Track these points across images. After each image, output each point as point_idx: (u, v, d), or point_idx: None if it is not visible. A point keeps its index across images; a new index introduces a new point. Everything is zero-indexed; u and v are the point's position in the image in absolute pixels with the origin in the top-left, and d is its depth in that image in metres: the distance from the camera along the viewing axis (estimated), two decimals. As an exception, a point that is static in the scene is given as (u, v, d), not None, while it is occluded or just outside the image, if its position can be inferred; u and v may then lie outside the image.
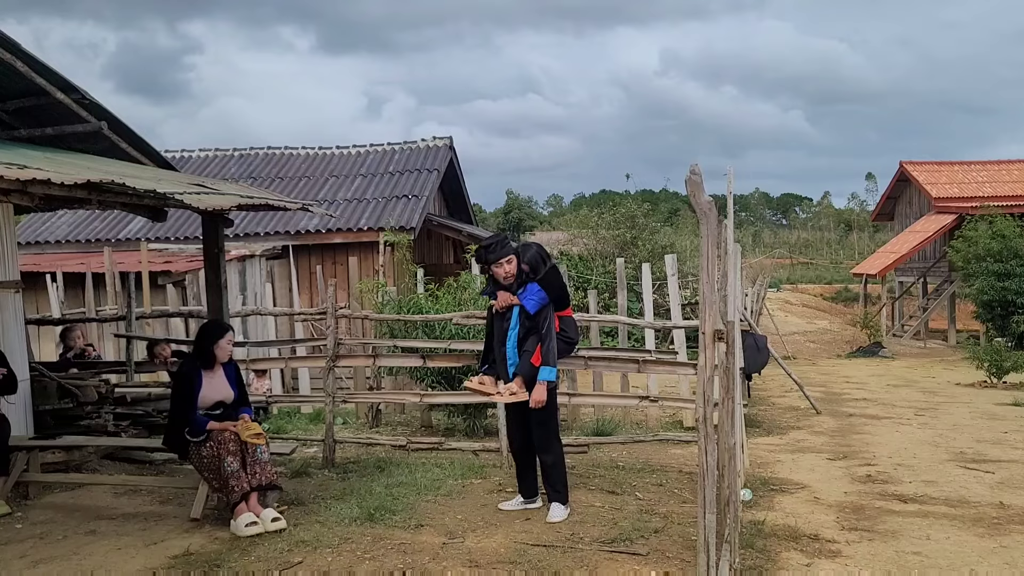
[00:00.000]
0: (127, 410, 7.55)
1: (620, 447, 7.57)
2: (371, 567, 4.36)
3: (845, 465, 7.04)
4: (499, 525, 5.10)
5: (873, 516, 5.39)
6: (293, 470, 6.75)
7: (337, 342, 7.43)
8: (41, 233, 16.61)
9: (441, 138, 18.96)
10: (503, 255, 5.12)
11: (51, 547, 4.87)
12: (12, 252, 6.92)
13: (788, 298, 37.00)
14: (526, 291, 5.13)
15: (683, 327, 8.80)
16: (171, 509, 5.67)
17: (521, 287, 5.16)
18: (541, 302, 5.12)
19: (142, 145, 6.95)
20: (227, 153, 19.59)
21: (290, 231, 15.41)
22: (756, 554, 4.51)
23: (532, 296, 5.11)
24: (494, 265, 5.15)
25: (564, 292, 5.37)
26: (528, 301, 5.11)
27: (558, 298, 5.24)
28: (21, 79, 6.04)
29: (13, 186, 4.27)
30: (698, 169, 3.61)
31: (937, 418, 9.67)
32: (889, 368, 16.81)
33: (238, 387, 5.55)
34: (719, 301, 3.85)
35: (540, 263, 5.22)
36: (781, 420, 9.61)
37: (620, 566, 4.35)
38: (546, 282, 5.17)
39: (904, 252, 24.42)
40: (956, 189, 25.25)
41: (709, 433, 3.64)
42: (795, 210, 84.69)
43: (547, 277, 5.19)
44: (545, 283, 5.17)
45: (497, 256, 5.12)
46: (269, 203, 6.12)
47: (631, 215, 23.35)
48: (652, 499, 5.74)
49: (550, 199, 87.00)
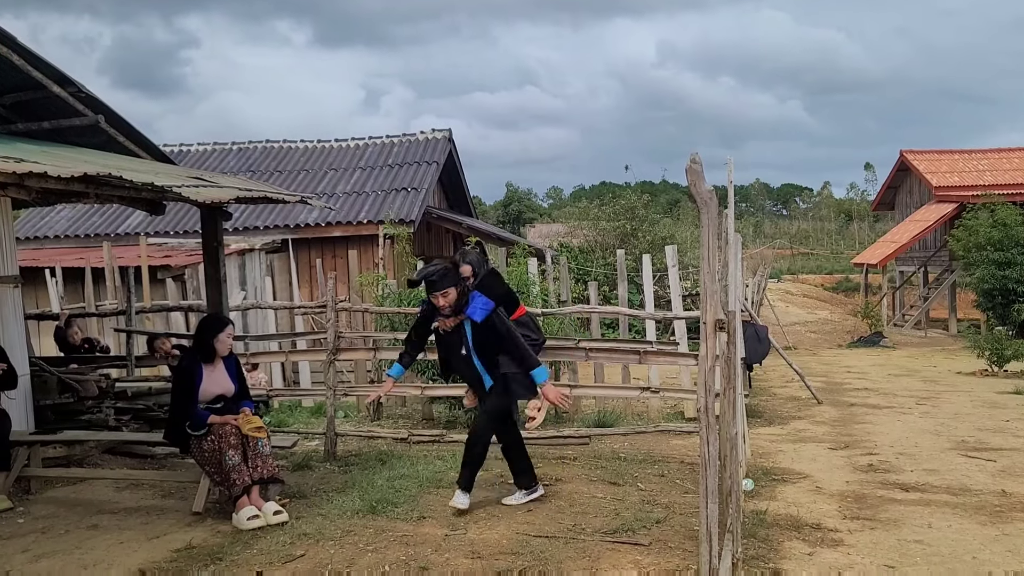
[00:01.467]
0: (128, 404, 7.55)
1: (622, 438, 7.56)
2: (373, 559, 4.36)
3: (847, 454, 7.03)
4: (501, 517, 5.09)
5: (875, 505, 5.39)
6: (295, 463, 6.75)
7: (337, 335, 7.42)
8: (40, 228, 16.59)
9: (440, 130, 18.91)
10: (443, 287, 5.03)
11: (53, 541, 4.87)
12: (11, 247, 6.90)
13: (789, 288, 37.02)
14: (470, 304, 5.08)
15: (684, 318, 8.79)
16: (173, 503, 5.67)
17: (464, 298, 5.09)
18: (487, 308, 5.07)
19: (140, 139, 6.92)
20: (226, 147, 19.54)
21: (289, 225, 15.39)
22: (759, 544, 4.51)
23: (477, 307, 5.07)
24: (433, 296, 5.09)
25: (508, 291, 5.42)
26: (474, 312, 5.06)
27: (503, 298, 5.25)
28: (18, 73, 6.01)
29: (10, 180, 4.25)
30: (698, 158, 3.58)
31: (938, 407, 9.67)
32: (890, 358, 16.81)
33: (238, 381, 5.54)
34: (720, 291, 3.84)
35: (481, 267, 5.29)
36: (782, 410, 9.61)
37: (622, 556, 4.35)
38: (485, 287, 5.17)
39: (905, 241, 24.39)
40: (957, 178, 25.19)
41: (711, 423, 3.63)
42: (795, 200, 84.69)
43: (484, 282, 5.21)
44: (484, 288, 5.16)
45: (438, 289, 5.03)
46: (268, 196, 6.10)
47: (631, 206, 23.30)
48: (654, 490, 5.73)
49: (550, 191, 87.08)
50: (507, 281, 9.20)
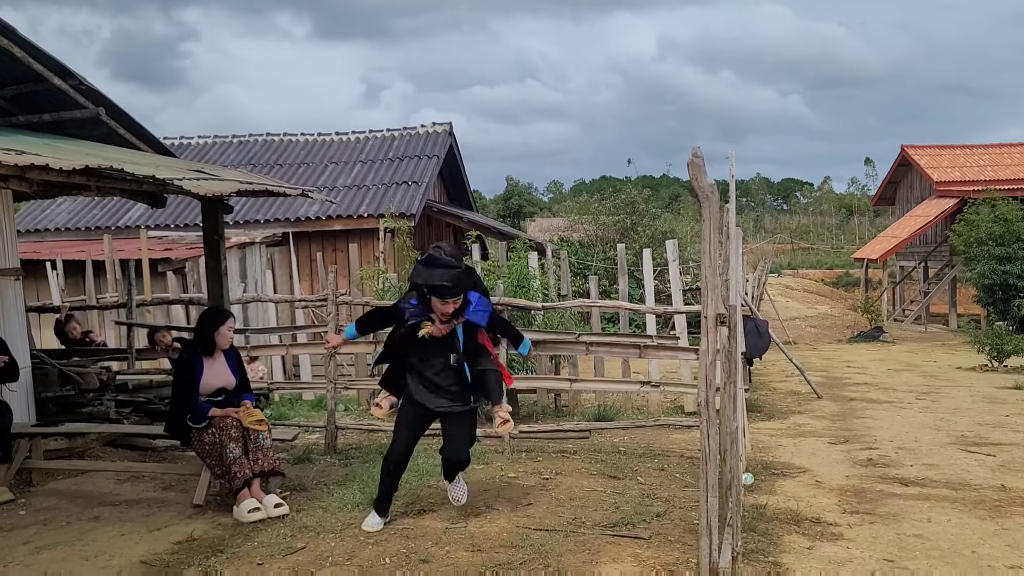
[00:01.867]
0: (129, 397, 7.55)
1: (621, 432, 7.58)
2: (374, 552, 4.37)
3: (846, 449, 7.04)
4: (501, 510, 5.11)
5: (874, 499, 5.40)
6: (295, 456, 6.76)
7: (338, 329, 7.42)
8: (41, 221, 16.58)
9: (441, 124, 18.88)
10: (458, 294, 4.59)
11: (55, 533, 4.89)
12: (12, 239, 6.90)
13: (789, 283, 36.99)
14: (469, 306, 4.70)
15: (684, 312, 8.79)
16: (174, 495, 5.68)
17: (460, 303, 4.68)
18: (487, 309, 4.80)
19: (140, 131, 6.91)
20: (226, 140, 19.52)
21: (290, 218, 15.38)
22: (758, 537, 4.52)
23: (479, 309, 4.73)
24: (442, 301, 4.58)
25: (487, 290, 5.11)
26: (477, 316, 4.73)
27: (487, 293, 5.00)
28: (18, 65, 6.00)
29: (11, 172, 4.24)
30: (700, 152, 3.58)
31: (938, 402, 9.68)
32: (890, 353, 16.81)
33: (239, 374, 5.55)
34: (721, 285, 3.84)
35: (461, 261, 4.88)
36: (782, 405, 9.62)
37: (622, 550, 4.36)
38: (481, 288, 4.87)
39: (905, 236, 24.36)
40: (958, 173, 25.16)
41: (711, 417, 3.64)
42: (796, 195, 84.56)
43: (479, 284, 4.90)
44: (482, 289, 4.86)
45: (453, 296, 4.57)
46: (269, 189, 6.10)
47: (631, 201, 23.26)
48: (654, 483, 5.74)
49: (550, 185, 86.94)
50: (507, 276, 9.23)
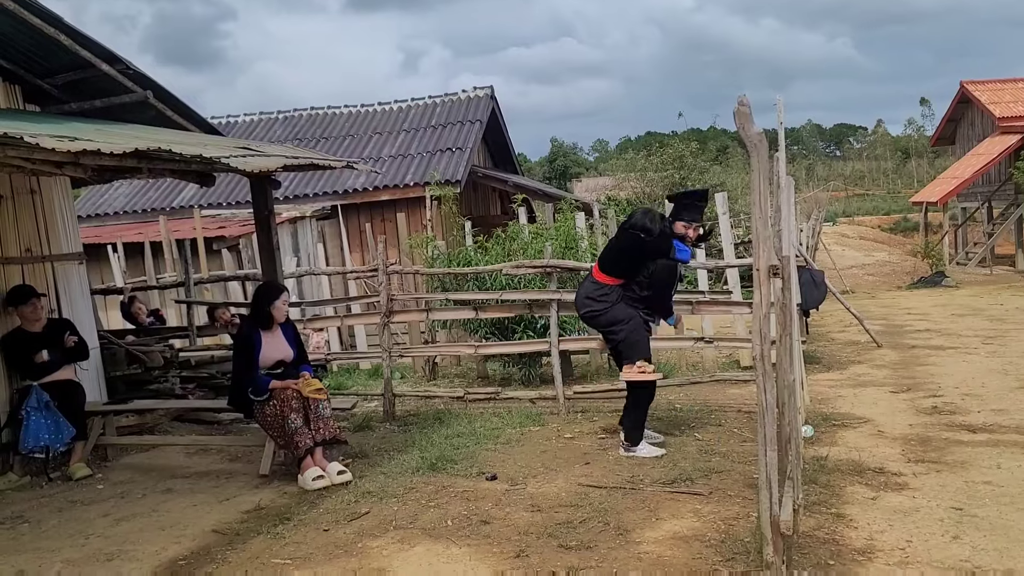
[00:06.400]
0: (192, 373, 7.79)
1: (677, 389, 7.53)
2: (436, 515, 4.45)
3: (909, 397, 6.89)
4: (559, 470, 5.15)
5: (940, 447, 5.28)
6: (355, 424, 6.90)
7: (390, 298, 7.50)
8: (100, 206, 17.07)
9: (482, 88, 18.75)
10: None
11: (131, 505, 5.10)
12: (73, 225, 7.10)
13: (845, 231, 36.12)
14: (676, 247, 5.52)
15: (736, 266, 8.66)
16: (240, 467, 5.86)
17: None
18: None
19: (188, 112, 7.01)
20: (271, 116, 19.71)
21: (338, 191, 15.51)
22: (820, 489, 4.47)
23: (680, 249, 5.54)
24: (692, 228, 5.55)
25: None
26: (682, 254, 5.58)
27: None
28: (67, 53, 6.11)
29: (66, 159, 4.36)
30: (746, 100, 3.47)
31: (1006, 345, 9.38)
32: (953, 297, 16.32)
33: (297, 346, 5.66)
34: (773, 236, 3.75)
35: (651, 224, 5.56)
36: (841, 355, 9.44)
37: (681, 506, 4.36)
38: None
39: (967, 177, 23.48)
40: (1021, 107, 24.07)
41: (767, 371, 3.58)
42: (849, 140, 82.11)
43: None
44: None
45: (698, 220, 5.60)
46: (314, 163, 6.14)
47: (679, 155, 22.91)
48: (711, 439, 5.72)
49: (595, 144, 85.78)
50: (555, 238, 9.18)
